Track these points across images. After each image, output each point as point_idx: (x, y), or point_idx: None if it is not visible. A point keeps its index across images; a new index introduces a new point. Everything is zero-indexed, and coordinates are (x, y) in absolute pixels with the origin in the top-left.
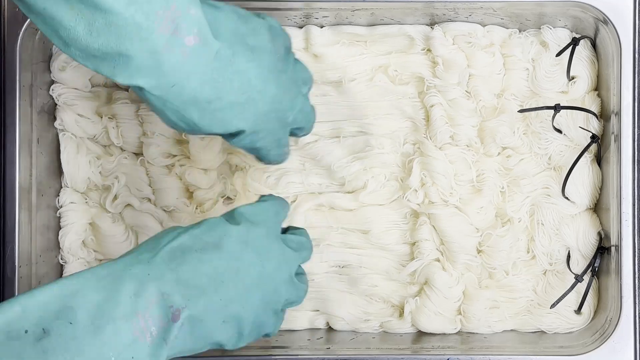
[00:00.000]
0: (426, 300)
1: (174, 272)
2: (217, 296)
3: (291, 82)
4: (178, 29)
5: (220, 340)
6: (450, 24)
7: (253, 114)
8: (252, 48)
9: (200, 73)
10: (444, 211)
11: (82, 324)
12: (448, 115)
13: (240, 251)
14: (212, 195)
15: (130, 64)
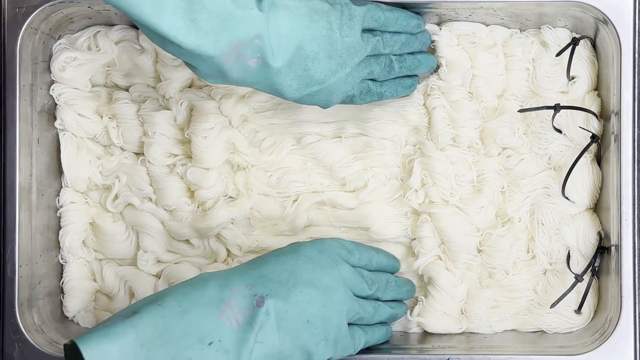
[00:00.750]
0: (432, 301)
1: (256, 269)
2: (297, 289)
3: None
4: (242, 55)
5: (308, 342)
6: (454, 23)
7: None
8: (314, 57)
9: (261, 83)
10: (444, 210)
11: (170, 306)
12: (450, 118)
13: (315, 255)
14: (214, 195)
15: (201, 72)
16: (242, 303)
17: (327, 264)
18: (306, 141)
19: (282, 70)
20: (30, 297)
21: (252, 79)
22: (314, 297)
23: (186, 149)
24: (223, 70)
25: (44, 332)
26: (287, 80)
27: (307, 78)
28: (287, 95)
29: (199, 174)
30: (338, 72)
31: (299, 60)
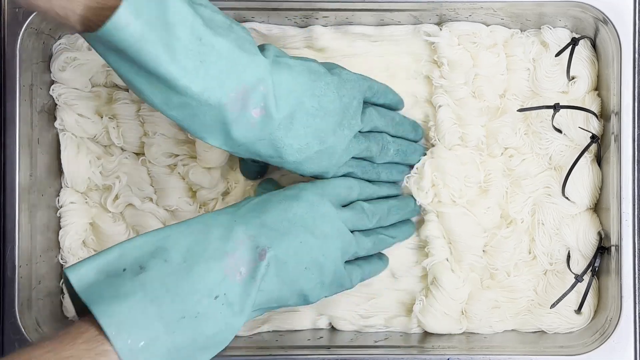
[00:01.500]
0: (432, 301)
1: (258, 217)
2: (297, 239)
3: (352, 132)
4: (247, 104)
5: (304, 287)
6: (455, 23)
7: (311, 166)
8: (315, 112)
9: (264, 139)
10: (453, 210)
11: (176, 262)
12: (457, 116)
13: (318, 201)
14: (216, 195)
15: (202, 130)
16: (245, 255)
17: (328, 211)
18: None
19: (284, 124)
20: (30, 297)
21: (254, 135)
22: (313, 246)
23: (188, 148)
24: (227, 122)
25: (44, 332)
26: (288, 137)
27: (308, 136)
28: (288, 157)
29: (201, 174)
30: (337, 132)
31: (300, 115)
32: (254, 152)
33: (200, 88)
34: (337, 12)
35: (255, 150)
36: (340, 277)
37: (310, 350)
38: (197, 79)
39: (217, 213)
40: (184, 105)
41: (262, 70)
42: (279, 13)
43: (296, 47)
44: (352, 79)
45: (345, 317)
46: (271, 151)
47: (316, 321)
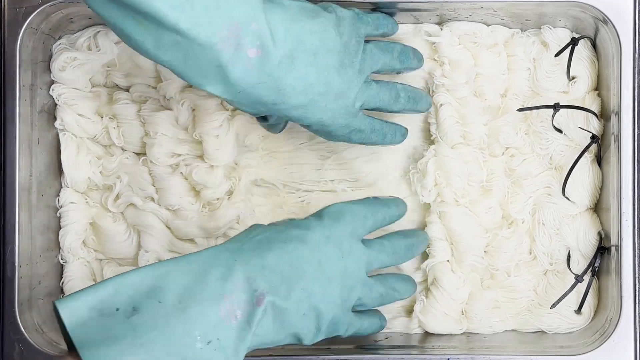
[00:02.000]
0: (433, 301)
1: (260, 258)
2: (299, 285)
3: (358, 74)
4: (240, 43)
5: (300, 332)
6: (455, 23)
7: (317, 113)
8: (315, 50)
9: (264, 81)
10: (455, 210)
11: (171, 303)
12: (459, 114)
13: (323, 244)
14: (221, 194)
15: (198, 75)
16: (243, 298)
17: (333, 254)
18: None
19: (284, 64)
20: (30, 297)
21: (253, 78)
22: (314, 292)
23: (192, 148)
24: (222, 64)
25: (44, 332)
26: (290, 77)
27: (310, 76)
28: (291, 100)
29: (204, 174)
30: (341, 72)
31: (301, 53)
32: (256, 99)
33: (189, 24)
34: None
35: (257, 97)
36: (337, 324)
37: (311, 350)
38: (184, 14)
39: (219, 250)
40: (176, 45)
41: (253, 7)
42: None
43: None
44: (348, 16)
45: None
46: (273, 95)
47: None
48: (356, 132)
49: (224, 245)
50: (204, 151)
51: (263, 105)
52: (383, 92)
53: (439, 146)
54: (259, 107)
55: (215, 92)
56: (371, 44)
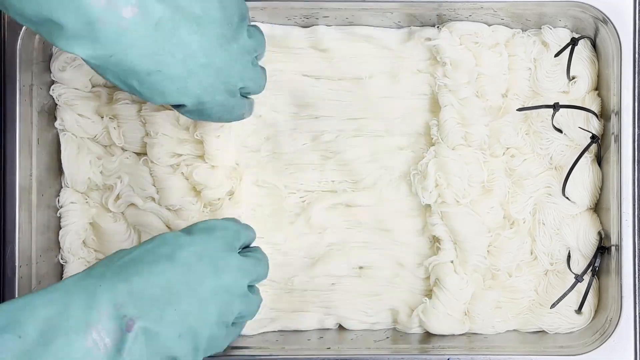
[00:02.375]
0: (436, 302)
1: (127, 282)
2: (171, 307)
3: (242, 51)
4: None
5: (177, 354)
6: (456, 23)
7: (196, 87)
8: (198, 18)
9: (139, 45)
10: (457, 209)
11: (32, 338)
12: (461, 115)
13: (194, 263)
14: (221, 194)
15: (65, 33)
16: (110, 326)
17: (207, 272)
18: (324, 139)
19: (164, 27)
20: None
21: (127, 40)
22: (188, 313)
23: (192, 148)
24: (92, 20)
25: None
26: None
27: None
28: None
29: (205, 174)
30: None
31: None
32: (129, 67)
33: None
34: (337, 12)
35: (130, 64)
36: (215, 340)
37: (312, 350)
38: None
39: (81, 277)
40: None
41: None
42: (280, 12)
43: (300, 47)
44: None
45: (354, 317)
46: (149, 62)
47: (323, 321)
48: (227, 111)
49: (87, 272)
50: (205, 151)
51: (136, 75)
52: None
53: (440, 147)
54: (131, 80)
55: (84, 54)
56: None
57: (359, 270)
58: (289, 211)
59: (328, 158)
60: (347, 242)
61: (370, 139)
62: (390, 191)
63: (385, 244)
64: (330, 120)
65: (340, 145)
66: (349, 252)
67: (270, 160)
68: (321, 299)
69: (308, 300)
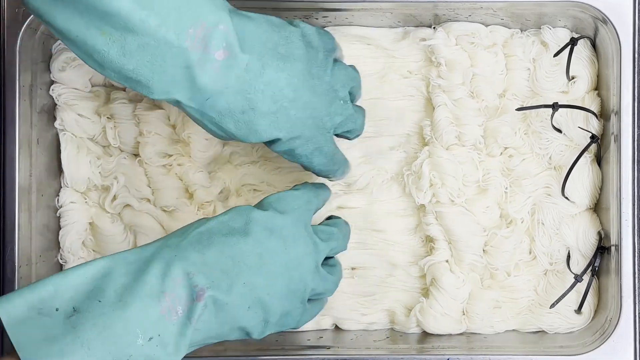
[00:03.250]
0: (433, 302)
1: (200, 254)
2: (240, 280)
3: (328, 88)
4: (208, 45)
5: (246, 325)
6: (454, 23)
7: (286, 122)
8: (284, 57)
9: (232, 86)
10: (451, 209)
11: (110, 301)
12: (454, 116)
13: (265, 237)
14: (213, 195)
15: (165, 80)
16: (182, 294)
17: (277, 247)
18: None
19: (253, 67)
20: None
21: (221, 82)
22: (258, 286)
23: (181, 148)
24: (190, 64)
25: None
26: (259, 82)
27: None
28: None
29: (198, 175)
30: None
31: (270, 59)
32: (224, 108)
33: (158, 21)
34: (336, 12)
35: (225, 105)
36: (287, 316)
37: (311, 350)
38: (152, 11)
39: (158, 246)
40: (142, 47)
41: (221, 10)
42: (278, 13)
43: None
44: (313, 30)
45: (350, 317)
46: (241, 101)
47: (319, 321)
48: (319, 153)
49: (163, 241)
50: (190, 152)
51: (230, 116)
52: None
53: (433, 147)
54: (227, 121)
55: (183, 99)
56: (340, 62)
57: (351, 271)
58: None
59: None
60: None
61: (362, 140)
62: (382, 192)
63: (378, 244)
64: None
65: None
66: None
67: (263, 163)
68: None
69: None
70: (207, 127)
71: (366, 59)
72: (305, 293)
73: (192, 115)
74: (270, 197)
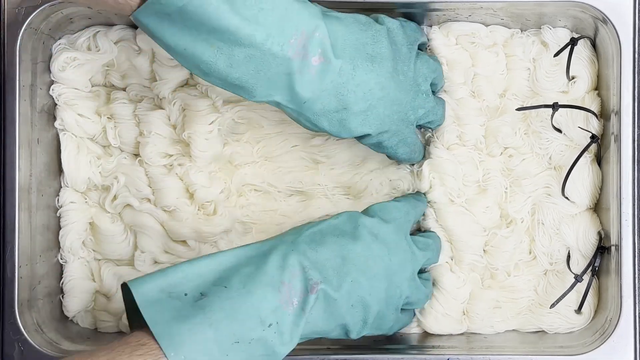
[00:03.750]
0: (434, 302)
1: (314, 251)
2: (348, 278)
3: (411, 82)
4: (307, 52)
5: (348, 323)
6: (453, 23)
7: (376, 118)
8: (372, 58)
9: (327, 88)
10: (451, 209)
11: (236, 287)
12: (456, 115)
13: (371, 242)
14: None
15: (267, 87)
16: (298, 286)
17: (380, 252)
18: (312, 142)
19: (345, 70)
20: (30, 297)
21: (317, 86)
22: (362, 285)
23: (181, 149)
24: (291, 72)
25: (44, 332)
26: (351, 84)
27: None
28: (353, 106)
29: (198, 175)
30: (395, 78)
31: (360, 60)
32: (320, 109)
33: (264, 35)
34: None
35: (320, 107)
36: (382, 319)
37: (311, 350)
38: (258, 26)
39: (277, 241)
40: (248, 59)
41: (316, 17)
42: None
43: None
44: (396, 25)
45: None
46: (335, 103)
47: None
48: (404, 144)
49: (279, 237)
50: (191, 152)
51: (325, 116)
52: (439, 109)
53: (433, 148)
54: (322, 120)
55: (283, 100)
56: (422, 54)
57: None
58: (282, 215)
59: (319, 162)
60: None
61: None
62: (382, 194)
63: None
64: None
65: (330, 149)
66: None
67: (263, 163)
68: None
69: None
70: (302, 123)
71: None
72: (400, 299)
73: (289, 113)
74: (375, 205)
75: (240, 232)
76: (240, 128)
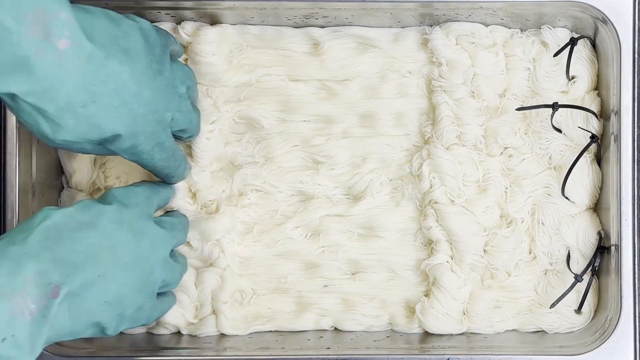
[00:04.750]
0: (434, 302)
1: (50, 250)
2: (94, 272)
3: (167, 84)
4: (49, 33)
5: (102, 321)
6: (453, 23)
7: (128, 116)
8: (125, 50)
9: (74, 76)
10: (451, 209)
11: None
12: (455, 115)
13: (115, 230)
14: (216, 195)
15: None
16: (35, 293)
17: (126, 239)
18: (313, 142)
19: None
20: None
21: (63, 71)
22: (113, 279)
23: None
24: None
25: None
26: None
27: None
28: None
29: (201, 175)
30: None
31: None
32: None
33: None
34: (337, 12)
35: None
36: (141, 310)
37: (311, 350)
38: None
39: (5, 243)
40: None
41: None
42: (278, 13)
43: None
44: (148, 25)
45: (349, 318)
46: (85, 95)
47: (319, 322)
48: (160, 148)
49: (9, 238)
50: (192, 152)
51: (70, 111)
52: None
53: (433, 147)
54: (66, 118)
55: (19, 90)
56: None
57: (351, 275)
58: (283, 215)
59: (320, 162)
60: (340, 245)
61: (360, 141)
62: (382, 194)
63: (378, 247)
64: (317, 123)
65: (331, 149)
66: (341, 256)
67: (264, 163)
68: (316, 301)
69: (303, 301)
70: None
71: (364, 59)
72: (155, 285)
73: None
74: (112, 190)
75: (241, 231)
76: (240, 128)
